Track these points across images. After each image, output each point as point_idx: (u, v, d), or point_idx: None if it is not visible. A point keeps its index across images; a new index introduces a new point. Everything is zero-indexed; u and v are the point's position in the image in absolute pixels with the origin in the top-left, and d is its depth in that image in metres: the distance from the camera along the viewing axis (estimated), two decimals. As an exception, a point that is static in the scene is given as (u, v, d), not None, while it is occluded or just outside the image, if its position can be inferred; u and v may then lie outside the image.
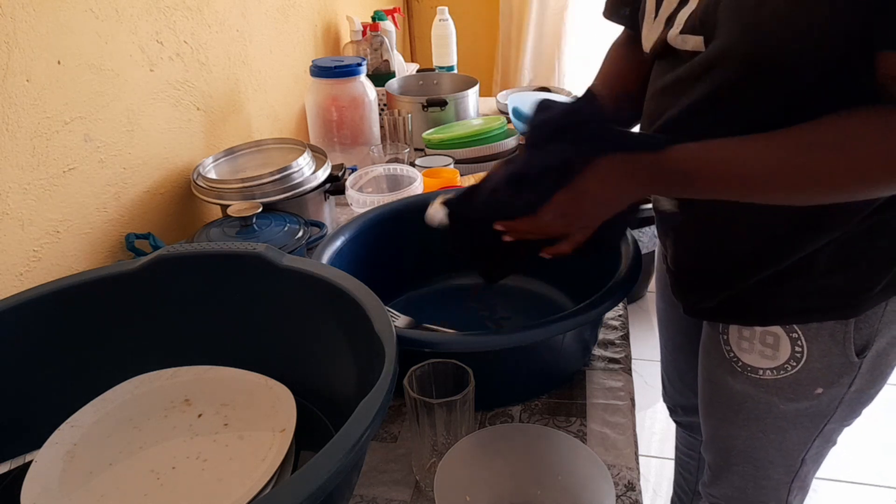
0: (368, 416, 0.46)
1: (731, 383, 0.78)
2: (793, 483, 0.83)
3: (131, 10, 0.95)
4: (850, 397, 0.75)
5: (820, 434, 0.78)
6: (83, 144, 0.88)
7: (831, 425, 0.77)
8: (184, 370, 0.69)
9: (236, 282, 0.69)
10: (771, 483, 0.83)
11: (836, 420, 0.77)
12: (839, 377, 0.72)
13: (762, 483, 0.83)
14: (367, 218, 0.93)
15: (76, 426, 0.62)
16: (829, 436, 0.79)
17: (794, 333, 0.71)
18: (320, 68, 1.32)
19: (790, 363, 0.72)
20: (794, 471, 0.82)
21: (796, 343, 0.71)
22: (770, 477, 0.82)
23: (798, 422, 0.77)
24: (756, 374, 0.75)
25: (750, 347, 0.75)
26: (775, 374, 0.74)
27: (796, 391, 0.74)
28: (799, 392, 0.74)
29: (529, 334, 0.68)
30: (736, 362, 0.77)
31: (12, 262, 0.79)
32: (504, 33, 2.51)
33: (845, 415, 0.77)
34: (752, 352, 0.75)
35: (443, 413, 0.60)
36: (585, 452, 0.59)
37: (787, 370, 0.73)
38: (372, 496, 0.65)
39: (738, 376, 0.77)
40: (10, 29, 0.75)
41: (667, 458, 1.73)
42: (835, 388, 0.73)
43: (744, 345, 0.75)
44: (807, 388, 0.73)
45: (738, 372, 0.77)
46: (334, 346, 0.65)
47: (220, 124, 1.20)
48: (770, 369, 0.74)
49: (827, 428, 0.78)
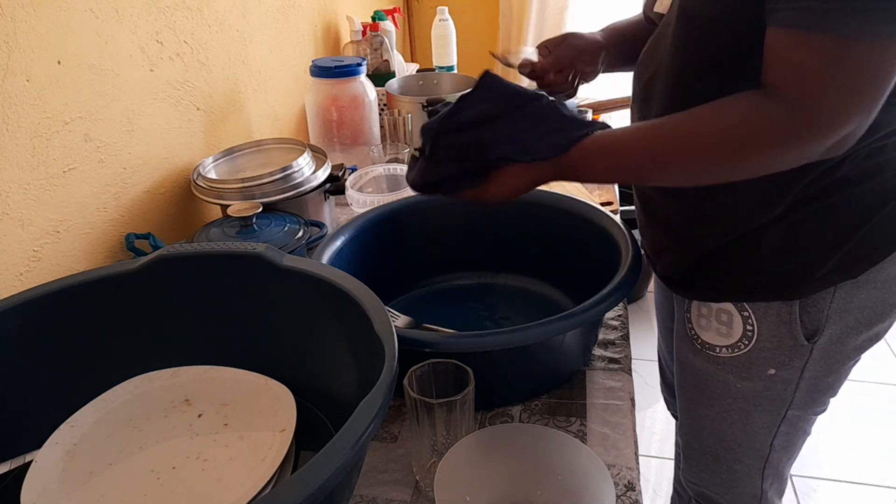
0: (368, 416, 0.46)
1: (693, 361, 0.82)
2: (765, 470, 0.84)
3: (131, 10, 0.95)
4: (807, 384, 0.76)
5: (784, 420, 0.80)
6: (83, 144, 0.88)
7: (794, 412, 0.79)
8: (184, 370, 0.69)
9: (236, 282, 0.69)
10: (743, 468, 0.85)
11: (797, 406, 0.78)
12: (790, 359, 0.74)
13: (734, 467, 0.85)
14: (367, 218, 0.93)
15: (76, 426, 0.62)
16: (795, 423, 0.80)
17: (746, 312, 0.74)
18: (320, 68, 1.32)
19: (742, 341, 0.75)
20: (764, 457, 0.83)
21: (747, 321, 0.74)
22: (741, 461, 0.84)
23: (758, 403, 0.79)
24: (713, 351, 0.78)
25: (707, 325, 0.78)
26: (730, 353, 0.77)
27: (749, 370, 0.76)
28: (752, 371, 0.76)
29: (529, 334, 0.68)
30: (696, 339, 0.80)
31: (12, 262, 0.79)
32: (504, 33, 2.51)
33: (807, 402, 0.78)
34: (709, 329, 0.78)
35: (443, 413, 0.60)
36: (585, 452, 0.59)
37: (739, 348, 0.76)
38: (372, 496, 0.65)
39: (699, 354, 0.80)
40: (10, 29, 0.75)
41: (667, 458, 1.73)
42: (787, 370, 0.75)
43: (702, 322, 0.79)
44: (759, 367, 0.76)
45: (698, 349, 0.80)
46: (334, 346, 0.65)
47: (220, 124, 1.20)
48: (725, 347, 0.77)
49: (790, 414, 0.79)
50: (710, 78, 0.64)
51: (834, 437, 1.79)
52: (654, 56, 0.72)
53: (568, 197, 0.95)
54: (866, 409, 1.89)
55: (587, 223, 0.89)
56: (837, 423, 1.82)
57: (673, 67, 0.68)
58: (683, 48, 0.66)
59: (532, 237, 0.96)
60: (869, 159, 0.65)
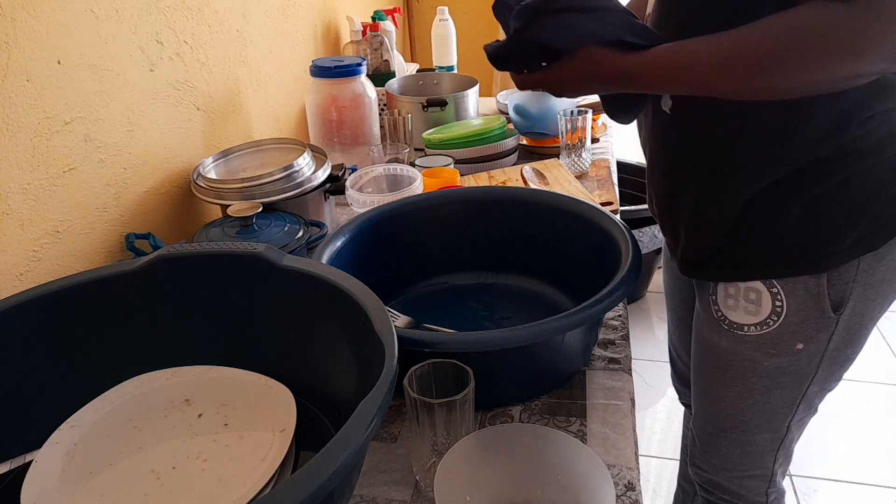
0: (368, 416, 0.46)
1: (719, 342, 0.83)
2: (778, 451, 0.86)
3: (131, 10, 0.95)
4: (830, 356, 0.78)
5: (804, 397, 0.81)
6: (83, 144, 0.88)
7: (814, 387, 0.80)
8: (184, 370, 0.69)
9: (236, 282, 0.69)
10: (757, 449, 0.86)
11: (817, 382, 0.80)
12: (817, 332, 0.76)
13: (748, 449, 0.86)
14: (367, 218, 0.93)
15: (76, 426, 0.62)
16: (811, 400, 0.82)
17: (774, 288, 0.75)
18: (320, 68, 1.32)
19: (771, 318, 0.76)
20: (780, 438, 0.85)
21: (776, 298, 0.75)
22: (756, 443, 0.85)
23: (781, 381, 0.80)
24: (741, 330, 0.79)
25: (735, 305, 0.79)
26: (759, 330, 0.78)
27: (777, 346, 0.78)
28: (780, 347, 0.78)
29: (529, 334, 0.68)
30: (723, 321, 0.81)
31: (12, 262, 0.79)
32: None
33: (826, 375, 0.80)
34: (737, 309, 0.79)
35: (443, 413, 0.60)
36: (585, 452, 0.59)
37: (769, 325, 0.77)
38: (372, 496, 0.65)
39: (725, 334, 0.81)
40: (10, 29, 0.75)
41: (667, 458, 1.73)
42: (814, 343, 0.77)
43: (730, 302, 0.79)
44: (787, 342, 0.77)
45: (724, 330, 0.81)
46: (334, 346, 0.65)
47: (220, 124, 1.20)
48: (754, 325, 0.78)
49: (810, 390, 0.81)
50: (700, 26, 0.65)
51: (834, 437, 1.79)
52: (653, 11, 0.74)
53: (568, 197, 0.95)
54: (866, 409, 1.90)
55: (587, 223, 0.89)
56: (837, 423, 1.82)
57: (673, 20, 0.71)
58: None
59: (532, 237, 0.96)
60: (881, 128, 0.67)
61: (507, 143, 1.36)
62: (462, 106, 1.52)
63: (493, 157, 1.35)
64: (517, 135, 1.41)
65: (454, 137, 1.37)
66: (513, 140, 1.38)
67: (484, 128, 1.38)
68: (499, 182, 1.25)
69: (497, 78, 2.58)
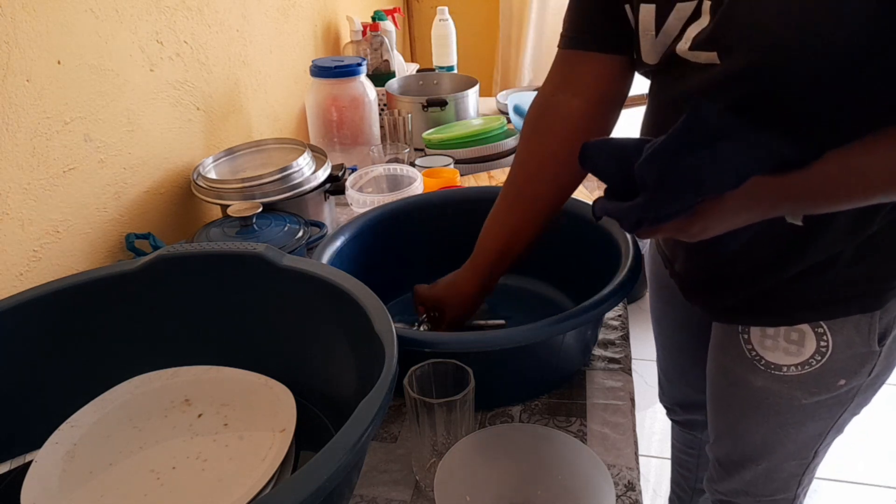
0: (368, 416, 0.46)
1: (752, 380, 0.77)
2: (804, 476, 0.84)
3: (131, 10, 0.95)
4: (868, 384, 0.75)
5: (835, 425, 0.79)
6: (83, 144, 0.88)
7: (846, 415, 0.78)
8: (184, 370, 0.69)
9: (236, 282, 0.69)
10: (783, 476, 0.84)
11: (851, 409, 0.78)
12: (861, 367, 0.72)
13: (774, 476, 0.84)
14: (367, 218, 0.93)
15: (76, 426, 0.62)
16: (842, 426, 0.80)
17: (820, 329, 0.71)
18: (320, 68, 1.32)
19: (815, 357, 0.72)
20: (807, 464, 0.82)
21: (822, 338, 0.71)
22: (783, 469, 0.83)
23: (817, 414, 0.77)
24: (780, 371, 0.74)
25: (774, 346, 0.74)
26: (799, 371, 0.73)
27: (819, 384, 0.74)
28: (822, 385, 0.74)
29: (529, 334, 0.68)
30: (759, 361, 0.76)
31: (12, 262, 0.79)
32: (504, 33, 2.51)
33: (860, 402, 0.78)
34: (776, 350, 0.74)
35: (443, 413, 0.60)
36: (585, 452, 0.59)
37: (811, 365, 0.72)
38: (372, 496, 0.65)
39: (760, 373, 0.76)
40: (10, 29, 0.75)
41: (667, 458, 1.72)
42: (857, 378, 0.73)
43: (767, 343, 0.74)
44: (830, 380, 0.73)
45: (759, 370, 0.76)
46: (334, 346, 0.65)
47: (220, 124, 1.20)
48: (794, 365, 0.73)
49: (842, 418, 0.78)
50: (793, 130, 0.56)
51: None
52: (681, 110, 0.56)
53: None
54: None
55: (587, 223, 0.89)
56: (837, 423, 1.82)
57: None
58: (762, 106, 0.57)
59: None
60: None
61: (507, 143, 1.36)
62: (462, 106, 1.52)
63: (493, 157, 1.35)
64: (517, 135, 1.41)
65: (454, 137, 1.37)
66: (513, 140, 1.38)
67: (484, 128, 1.38)
68: (499, 182, 1.25)
69: (497, 78, 2.58)
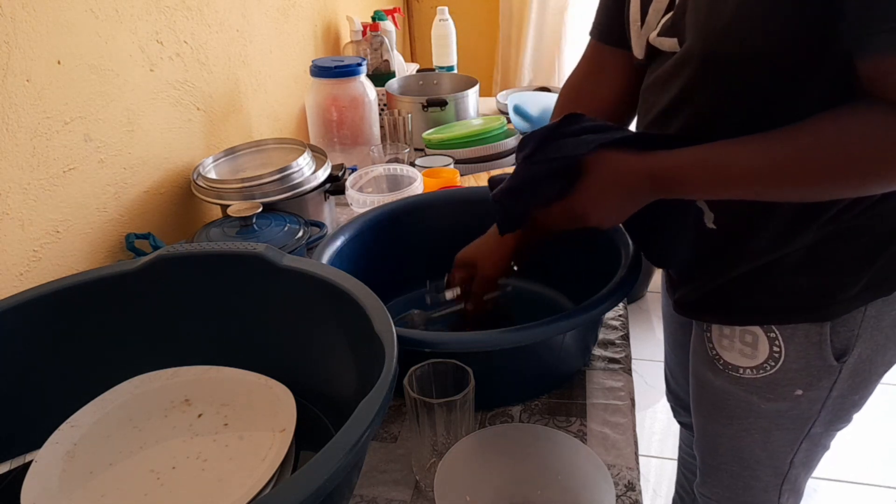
0: (368, 416, 0.46)
1: (714, 380, 0.79)
2: (783, 486, 0.83)
3: (131, 10, 0.95)
4: (834, 402, 0.74)
5: (806, 437, 0.78)
6: (83, 144, 0.88)
7: (817, 429, 0.77)
8: (184, 370, 0.69)
9: (236, 282, 0.69)
10: (760, 484, 0.83)
11: (821, 424, 0.77)
12: (818, 380, 0.72)
13: (751, 483, 0.83)
14: (367, 218, 0.93)
15: (76, 426, 0.62)
16: (816, 440, 0.79)
17: (772, 333, 0.71)
18: (320, 68, 1.32)
19: (769, 363, 0.73)
20: (783, 473, 0.82)
21: (774, 343, 0.72)
22: (759, 478, 0.83)
23: (780, 423, 0.77)
24: (737, 372, 0.76)
25: (730, 345, 0.75)
26: (754, 374, 0.74)
27: (775, 391, 0.74)
28: (778, 392, 0.74)
29: (529, 334, 0.68)
30: (717, 360, 0.77)
31: (12, 262, 0.79)
32: (504, 33, 2.51)
33: (831, 419, 0.77)
34: (732, 350, 0.75)
35: (443, 413, 0.60)
36: (585, 452, 0.59)
37: (766, 370, 0.73)
38: (372, 496, 0.65)
39: (720, 374, 0.78)
40: (10, 29, 0.75)
41: (667, 458, 1.73)
42: (815, 390, 0.73)
43: (724, 342, 0.76)
44: (786, 388, 0.73)
45: (719, 370, 0.77)
46: (334, 346, 0.65)
47: (220, 124, 1.20)
48: (750, 368, 0.74)
49: (813, 431, 0.77)
50: (738, 115, 0.61)
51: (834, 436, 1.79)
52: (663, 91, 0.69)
53: (568, 197, 0.95)
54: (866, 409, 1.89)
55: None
56: (837, 423, 1.82)
57: (695, 107, 0.65)
58: (707, 89, 0.63)
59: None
60: None
61: (507, 143, 1.36)
62: (462, 106, 1.52)
63: (493, 157, 1.35)
64: (517, 135, 1.41)
65: (454, 137, 1.37)
66: (513, 140, 1.38)
67: (484, 128, 1.38)
68: (499, 182, 1.24)
69: (497, 78, 2.58)
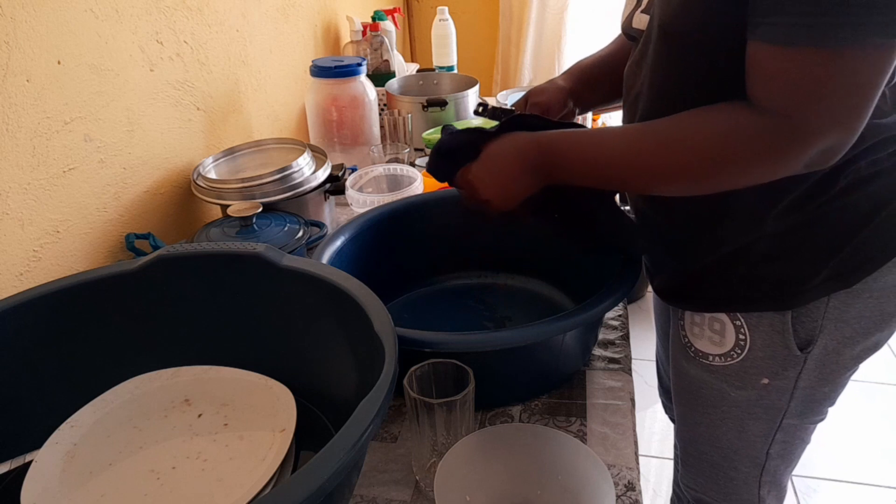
0: (368, 416, 0.46)
1: (688, 368, 0.82)
2: (762, 478, 0.84)
3: (131, 10, 0.95)
4: (803, 393, 0.76)
5: (779, 428, 0.79)
6: (83, 144, 0.88)
7: (790, 420, 0.78)
8: (184, 370, 0.69)
9: (236, 282, 0.69)
10: (740, 476, 0.84)
11: (792, 415, 0.78)
12: (783, 369, 0.74)
13: (731, 475, 0.85)
14: (367, 218, 0.93)
15: (76, 426, 0.62)
16: (792, 431, 0.80)
17: (738, 321, 0.74)
18: (320, 68, 1.32)
19: (735, 350, 0.75)
20: (761, 464, 0.83)
21: (740, 331, 0.74)
22: (737, 468, 0.84)
23: (753, 412, 0.78)
24: (707, 359, 0.78)
25: (700, 333, 0.78)
26: (723, 361, 0.77)
27: (743, 379, 0.76)
28: (745, 380, 0.76)
29: (529, 334, 0.68)
30: (689, 347, 0.80)
31: (12, 262, 0.79)
32: (504, 33, 2.51)
33: (802, 411, 0.78)
34: (702, 337, 0.78)
35: (443, 413, 0.60)
36: (585, 452, 0.59)
37: (732, 357, 0.75)
38: (372, 496, 0.65)
39: (692, 361, 0.80)
40: (10, 29, 0.75)
41: (667, 458, 1.73)
42: (781, 380, 0.75)
43: (695, 330, 0.78)
44: (752, 376, 0.75)
45: (691, 357, 0.80)
46: (334, 346, 0.65)
47: (220, 124, 1.20)
48: (718, 356, 0.77)
49: (786, 423, 0.78)
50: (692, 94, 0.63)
51: (834, 437, 1.79)
52: (638, 73, 0.72)
53: (568, 197, 0.95)
54: (866, 409, 1.89)
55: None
56: (837, 423, 1.82)
57: (654, 85, 0.68)
58: (663, 65, 0.66)
59: (532, 237, 0.96)
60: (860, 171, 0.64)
61: (507, 143, 1.36)
62: (462, 106, 1.52)
63: (493, 157, 1.35)
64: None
65: (454, 137, 1.36)
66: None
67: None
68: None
69: (497, 78, 2.58)
